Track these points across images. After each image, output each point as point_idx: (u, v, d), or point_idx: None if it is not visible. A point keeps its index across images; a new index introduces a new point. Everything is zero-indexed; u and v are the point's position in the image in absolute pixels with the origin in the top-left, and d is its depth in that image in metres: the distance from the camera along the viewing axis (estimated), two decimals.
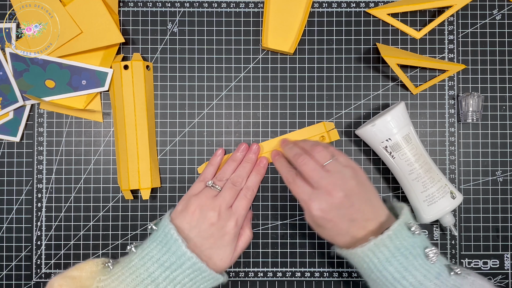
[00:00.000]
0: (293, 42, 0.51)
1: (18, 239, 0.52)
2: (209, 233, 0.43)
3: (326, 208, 0.41)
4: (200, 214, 0.44)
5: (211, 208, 0.44)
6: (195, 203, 0.44)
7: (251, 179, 0.48)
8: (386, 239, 0.39)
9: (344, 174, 0.42)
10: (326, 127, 0.51)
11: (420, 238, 0.40)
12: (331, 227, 0.42)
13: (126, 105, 0.50)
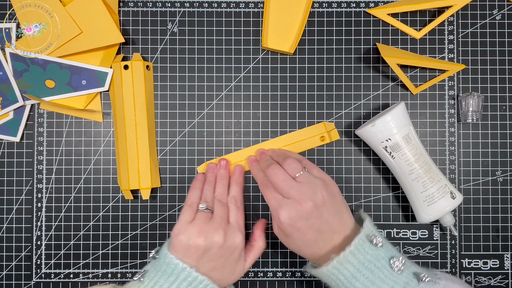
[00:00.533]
0: (293, 42, 0.51)
1: (18, 239, 0.52)
2: (219, 255, 0.43)
3: (295, 217, 0.41)
4: (205, 240, 0.43)
5: (214, 231, 0.43)
6: (196, 232, 0.43)
7: (232, 190, 0.49)
8: (349, 255, 0.39)
9: (315, 185, 0.42)
10: (327, 127, 0.51)
11: (384, 249, 0.40)
12: (299, 237, 0.42)
13: (126, 105, 0.50)
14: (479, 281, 0.52)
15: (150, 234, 0.52)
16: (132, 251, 0.52)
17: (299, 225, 0.41)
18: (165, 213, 0.52)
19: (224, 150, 0.52)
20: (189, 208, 0.46)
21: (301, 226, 0.41)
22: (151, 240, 0.52)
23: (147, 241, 0.52)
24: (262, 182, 0.45)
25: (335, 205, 0.43)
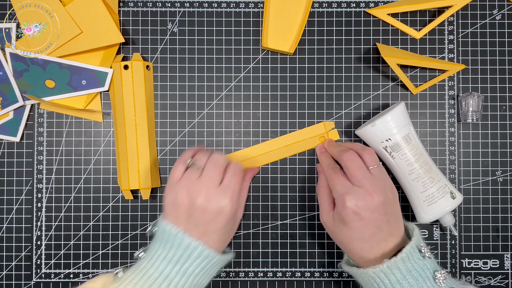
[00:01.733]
0: (293, 42, 0.51)
1: (18, 239, 0.52)
2: (206, 220, 0.42)
3: (363, 206, 0.40)
4: (189, 201, 0.42)
5: (197, 192, 0.42)
6: (181, 190, 0.42)
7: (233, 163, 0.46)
8: (399, 262, 0.39)
9: (386, 183, 0.43)
10: (326, 127, 0.51)
11: (429, 261, 0.41)
12: (357, 228, 0.41)
13: (126, 105, 0.50)
14: (479, 281, 0.52)
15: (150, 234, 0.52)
16: (132, 251, 0.52)
17: (363, 215, 0.40)
18: None
19: (224, 150, 0.52)
20: (179, 165, 0.44)
21: (365, 217, 0.41)
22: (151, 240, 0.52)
23: (147, 241, 0.52)
24: (329, 166, 0.46)
25: (396, 208, 0.43)
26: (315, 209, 0.52)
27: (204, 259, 0.41)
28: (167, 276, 0.40)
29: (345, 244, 0.43)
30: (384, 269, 0.40)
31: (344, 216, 0.41)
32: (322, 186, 0.47)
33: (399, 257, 0.40)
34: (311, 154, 0.52)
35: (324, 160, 0.48)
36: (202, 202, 0.42)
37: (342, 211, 0.41)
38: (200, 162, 0.44)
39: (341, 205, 0.41)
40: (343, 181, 0.42)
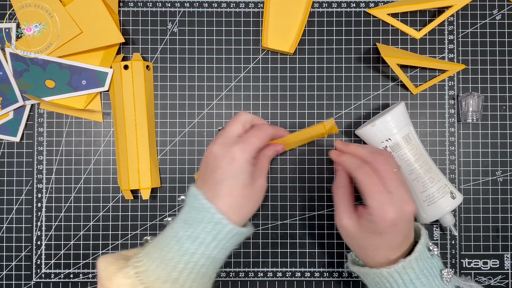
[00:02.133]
0: (293, 42, 0.51)
1: (18, 239, 0.52)
2: (216, 167, 0.40)
3: (401, 217, 0.38)
4: (207, 154, 0.41)
5: (214, 141, 0.41)
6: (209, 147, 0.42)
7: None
8: (413, 261, 0.39)
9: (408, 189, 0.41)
10: (326, 126, 0.48)
11: (437, 259, 0.41)
12: (390, 238, 0.39)
13: (126, 105, 0.50)
14: (479, 281, 0.52)
15: (150, 234, 0.52)
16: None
17: (400, 226, 0.39)
18: (165, 213, 0.52)
19: None
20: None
21: (400, 228, 0.39)
22: None
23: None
24: (359, 167, 0.41)
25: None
26: (315, 209, 0.52)
27: (215, 225, 0.38)
28: (179, 239, 0.38)
29: (367, 251, 0.41)
30: (399, 269, 0.39)
31: (381, 227, 0.39)
32: (341, 187, 0.43)
33: (413, 256, 0.39)
34: (311, 154, 0.52)
35: (349, 160, 0.43)
36: (215, 148, 0.40)
37: (380, 222, 0.38)
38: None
39: (380, 216, 0.38)
40: (381, 187, 0.39)
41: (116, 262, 0.39)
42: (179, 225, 0.39)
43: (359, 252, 0.43)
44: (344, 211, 0.42)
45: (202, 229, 0.38)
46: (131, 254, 0.41)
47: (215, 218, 0.38)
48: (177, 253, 0.37)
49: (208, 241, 0.38)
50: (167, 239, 0.39)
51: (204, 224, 0.38)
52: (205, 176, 0.41)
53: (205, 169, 0.41)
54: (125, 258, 0.40)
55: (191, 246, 0.38)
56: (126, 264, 0.38)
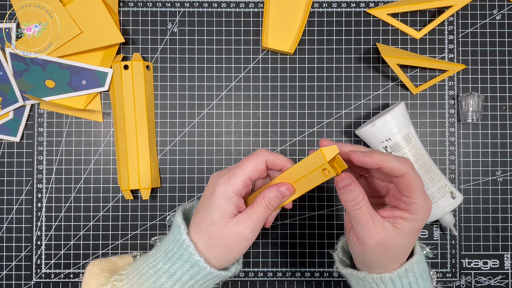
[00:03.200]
0: (293, 42, 0.51)
1: (18, 239, 0.52)
2: (203, 193, 0.39)
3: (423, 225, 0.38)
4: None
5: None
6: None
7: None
8: (415, 264, 0.38)
9: None
10: (326, 154, 0.35)
11: (426, 261, 0.41)
12: (414, 238, 0.39)
13: (126, 105, 0.50)
14: (479, 281, 0.52)
15: (150, 234, 0.52)
16: (132, 251, 0.52)
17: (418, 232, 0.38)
18: (165, 213, 0.52)
19: (224, 150, 0.52)
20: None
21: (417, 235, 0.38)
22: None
23: (147, 241, 0.52)
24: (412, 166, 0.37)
25: None
26: (315, 209, 0.52)
27: (192, 266, 0.36)
28: (157, 272, 0.37)
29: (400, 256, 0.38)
30: (401, 273, 0.38)
31: (421, 224, 0.37)
32: (363, 199, 0.36)
33: (414, 258, 0.38)
34: None
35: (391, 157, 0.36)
36: (212, 175, 0.39)
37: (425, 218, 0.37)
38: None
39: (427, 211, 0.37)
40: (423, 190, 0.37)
41: (101, 274, 0.39)
42: (161, 255, 0.38)
43: (384, 264, 0.38)
44: (378, 228, 0.36)
45: (180, 266, 0.37)
46: (120, 263, 0.41)
47: (193, 259, 0.36)
48: (153, 285, 0.37)
49: (185, 279, 0.37)
50: (147, 267, 0.38)
51: (182, 262, 0.37)
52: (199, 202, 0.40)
53: (202, 194, 0.40)
54: (112, 269, 0.40)
55: (167, 281, 0.37)
56: (107, 280, 0.38)
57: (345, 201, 0.36)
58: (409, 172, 0.36)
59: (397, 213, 0.37)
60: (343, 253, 0.44)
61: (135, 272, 0.38)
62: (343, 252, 0.44)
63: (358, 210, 0.36)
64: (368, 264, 0.39)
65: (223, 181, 0.37)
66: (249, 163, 0.37)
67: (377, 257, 0.37)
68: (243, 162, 0.38)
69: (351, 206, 0.36)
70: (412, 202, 0.36)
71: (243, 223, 0.37)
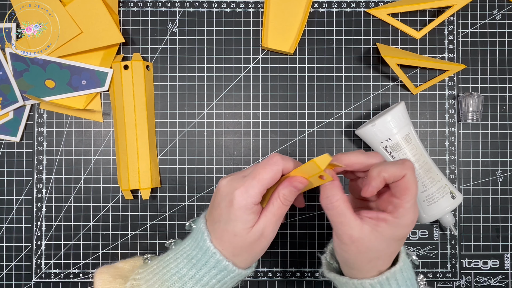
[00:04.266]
0: (293, 42, 0.51)
1: (18, 239, 0.52)
2: (217, 203, 0.38)
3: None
4: (218, 185, 0.39)
5: (229, 175, 0.39)
6: (220, 180, 0.40)
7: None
8: (397, 273, 0.38)
9: None
10: (319, 164, 0.35)
11: (412, 265, 0.40)
12: (402, 243, 0.39)
13: (126, 105, 0.50)
14: (479, 281, 0.52)
15: (150, 234, 0.52)
16: (132, 251, 0.52)
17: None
18: (165, 213, 0.52)
19: (224, 150, 0.52)
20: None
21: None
22: (151, 240, 0.52)
23: (147, 241, 0.52)
24: (412, 167, 0.36)
25: None
26: (315, 209, 0.52)
27: (220, 271, 0.37)
28: (182, 277, 0.37)
29: (378, 261, 0.37)
30: (382, 280, 0.37)
31: (405, 231, 0.36)
32: (340, 198, 0.36)
33: (397, 267, 0.38)
34: (311, 154, 0.52)
35: (388, 163, 0.37)
36: (222, 184, 0.38)
37: (409, 225, 0.36)
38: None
39: (412, 218, 0.36)
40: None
41: (114, 281, 0.39)
42: (183, 260, 0.38)
43: (359, 266, 0.38)
44: (355, 223, 0.36)
45: (207, 272, 0.37)
46: (128, 267, 0.41)
47: (221, 265, 0.37)
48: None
49: (212, 283, 0.37)
50: (169, 273, 0.38)
51: (209, 268, 0.37)
52: (211, 208, 0.40)
53: (213, 200, 0.40)
54: (122, 274, 0.40)
55: (194, 287, 0.37)
56: (123, 286, 0.38)
57: (323, 197, 0.37)
58: (410, 173, 0.35)
59: (382, 215, 0.36)
60: (331, 256, 0.44)
61: (155, 278, 0.38)
62: (331, 256, 0.44)
63: (334, 208, 0.36)
64: (346, 262, 0.39)
65: (241, 193, 0.36)
66: (266, 174, 0.36)
67: (352, 257, 0.37)
68: (259, 171, 0.36)
69: (326, 202, 0.37)
70: (400, 205, 0.36)
71: (263, 228, 0.37)
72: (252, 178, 0.36)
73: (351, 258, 0.37)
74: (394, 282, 0.37)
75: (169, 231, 0.52)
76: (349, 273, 0.39)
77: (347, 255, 0.37)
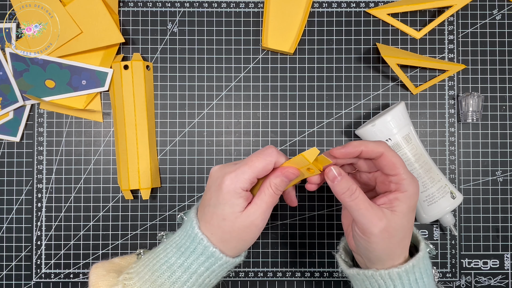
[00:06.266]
0: (293, 42, 0.51)
1: (18, 239, 0.52)
2: (207, 187, 0.38)
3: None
4: (210, 171, 0.40)
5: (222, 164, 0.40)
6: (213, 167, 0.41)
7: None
8: (421, 260, 0.38)
9: None
10: (308, 157, 0.36)
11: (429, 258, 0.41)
12: (412, 223, 0.39)
13: (126, 105, 0.50)
14: (479, 281, 0.52)
15: (150, 234, 0.52)
16: (132, 251, 0.52)
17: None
18: (165, 213, 0.52)
19: (224, 150, 0.52)
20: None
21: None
22: (151, 240, 0.52)
23: (147, 241, 0.52)
24: (392, 149, 0.38)
25: None
26: (315, 209, 0.52)
27: (208, 258, 0.37)
28: (171, 266, 0.37)
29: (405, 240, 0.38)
30: (409, 268, 0.37)
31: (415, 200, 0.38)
32: (356, 190, 0.37)
33: (421, 254, 0.38)
34: None
35: (372, 143, 0.38)
36: (214, 170, 0.39)
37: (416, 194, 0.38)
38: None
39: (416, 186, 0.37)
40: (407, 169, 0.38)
41: (107, 275, 0.39)
42: (172, 250, 0.38)
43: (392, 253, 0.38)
44: (379, 215, 0.36)
45: (195, 259, 0.37)
46: (123, 263, 0.41)
47: (208, 251, 0.37)
48: (168, 279, 0.37)
49: (201, 271, 0.38)
50: (159, 263, 0.38)
51: (197, 255, 0.37)
52: (203, 195, 0.40)
53: (206, 188, 0.41)
54: (117, 269, 0.40)
55: (183, 275, 0.37)
56: (116, 280, 0.38)
57: (339, 193, 0.37)
58: (387, 150, 0.37)
59: (391, 196, 0.37)
60: (345, 254, 0.44)
61: (145, 269, 0.38)
62: (345, 253, 0.44)
63: (355, 200, 0.36)
64: (376, 256, 0.38)
65: (231, 177, 0.37)
66: (259, 163, 0.37)
67: (384, 246, 0.37)
68: (252, 160, 0.37)
69: (347, 197, 0.37)
70: (400, 179, 0.37)
71: (253, 215, 0.37)
72: (244, 164, 0.37)
73: (383, 248, 0.37)
74: (417, 270, 0.38)
75: (169, 231, 0.52)
76: (372, 267, 0.39)
77: (379, 246, 0.37)
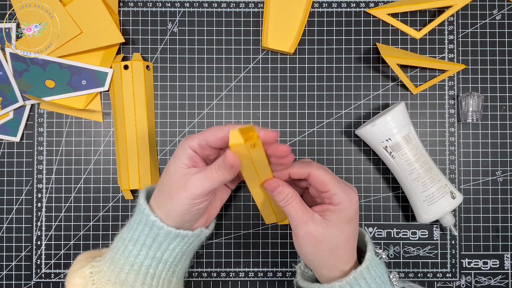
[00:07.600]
0: (293, 42, 0.51)
1: (18, 239, 0.52)
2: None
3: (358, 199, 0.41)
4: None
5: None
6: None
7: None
8: (365, 271, 0.39)
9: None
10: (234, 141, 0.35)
11: (383, 263, 0.41)
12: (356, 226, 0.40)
13: (126, 105, 0.50)
14: (479, 281, 0.52)
15: None
16: None
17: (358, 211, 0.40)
18: None
19: None
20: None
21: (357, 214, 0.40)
22: None
23: None
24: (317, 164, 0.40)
25: None
26: None
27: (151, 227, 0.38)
28: (123, 241, 0.39)
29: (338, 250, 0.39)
30: (351, 281, 0.38)
31: (349, 212, 0.39)
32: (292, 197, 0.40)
33: (364, 266, 0.39)
34: (311, 154, 0.52)
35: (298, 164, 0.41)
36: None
37: (349, 206, 0.39)
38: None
39: (348, 200, 0.38)
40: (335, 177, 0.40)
41: (85, 260, 0.41)
42: (127, 226, 0.40)
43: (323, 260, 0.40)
44: (307, 218, 0.39)
45: (141, 230, 0.38)
46: (104, 252, 0.43)
47: (150, 220, 0.38)
48: (122, 254, 0.39)
49: (148, 243, 0.38)
50: (116, 240, 0.40)
51: (142, 226, 0.38)
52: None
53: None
54: (99, 255, 0.42)
55: (133, 248, 0.38)
56: (90, 264, 0.40)
57: (278, 201, 0.40)
58: (314, 170, 0.39)
59: (325, 206, 0.39)
60: (305, 265, 0.45)
61: (110, 251, 0.40)
62: (305, 264, 0.45)
63: (288, 205, 0.39)
64: (309, 262, 0.41)
65: (185, 139, 0.39)
66: (212, 130, 0.38)
67: (311, 250, 0.39)
68: (209, 129, 0.39)
69: (283, 203, 0.39)
70: (330, 194, 0.39)
71: (188, 175, 0.37)
72: (200, 132, 0.39)
73: (309, 252, 0.39)
74: (363, 281, 0.38)
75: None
76: (320, 275, 0.41)
77: (307, 249, 0.39)
